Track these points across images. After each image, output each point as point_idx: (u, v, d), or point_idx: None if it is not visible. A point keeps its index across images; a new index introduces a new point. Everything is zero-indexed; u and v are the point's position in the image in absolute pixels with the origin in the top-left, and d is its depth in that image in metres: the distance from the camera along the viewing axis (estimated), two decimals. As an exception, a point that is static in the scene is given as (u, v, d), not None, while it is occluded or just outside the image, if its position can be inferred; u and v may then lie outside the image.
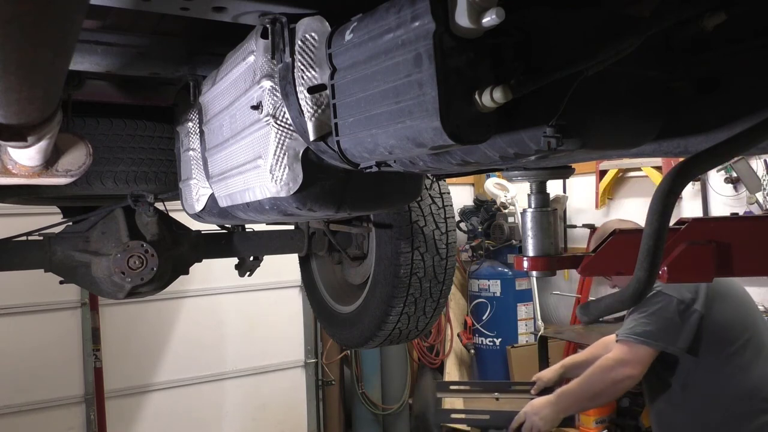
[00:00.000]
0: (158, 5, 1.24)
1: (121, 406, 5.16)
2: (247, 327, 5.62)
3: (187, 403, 5.39)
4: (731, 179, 4.49)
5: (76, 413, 5.00)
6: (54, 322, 4.87)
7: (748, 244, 1.31)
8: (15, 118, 1.11)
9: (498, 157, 1.15)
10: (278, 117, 1.37)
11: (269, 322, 5.70)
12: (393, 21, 1.02)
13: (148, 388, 5.26)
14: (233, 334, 5.56)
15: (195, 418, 5.41)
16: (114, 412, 5.08)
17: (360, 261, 2.89)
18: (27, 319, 4.79)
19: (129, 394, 5.19)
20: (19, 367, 4.73)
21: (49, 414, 4.88)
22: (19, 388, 4.74)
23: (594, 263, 1.38)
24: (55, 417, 4.92)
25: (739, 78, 1.14)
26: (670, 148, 1.28)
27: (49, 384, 4.86)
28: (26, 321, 4.79)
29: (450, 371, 6.05)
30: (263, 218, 1.74)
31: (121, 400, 5.15)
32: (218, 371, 5.49)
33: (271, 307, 5.70)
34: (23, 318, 4.78)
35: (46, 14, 0.62)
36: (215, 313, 5.48)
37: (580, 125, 1.03)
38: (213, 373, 5.47)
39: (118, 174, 2.38)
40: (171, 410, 5.32)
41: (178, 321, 5.37)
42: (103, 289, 2.58)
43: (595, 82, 1.01)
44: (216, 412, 5.52)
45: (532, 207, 1.44)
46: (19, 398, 4.74)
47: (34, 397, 4.79)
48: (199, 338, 5.40)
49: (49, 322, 4.85)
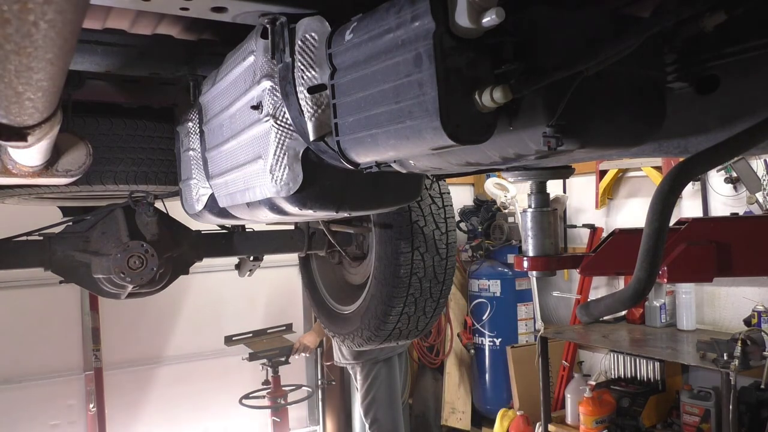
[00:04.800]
0: (158, 5, 1.25)
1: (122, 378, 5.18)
2: (247, 304, 5.67)
3: (191, 374, 5.45)
4: (731, 179, 4.49)
5: (75, 387, 5.01)
6: (54, 295, 4.84)
7: (748, 244, 1.31)
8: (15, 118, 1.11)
9: (498, 157, 1.15)
10: (278, 117, 1.37)
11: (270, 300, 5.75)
12: (393, 21, 1.02)
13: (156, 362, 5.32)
14: (233, 311, 5.59)
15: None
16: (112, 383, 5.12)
17: (360, 261, 2.89)
18: (27, 292, 4.78)
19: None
20: (18, 340, 4.74)
21: (48, 387, 4.89)
22: (18, 360, 4.74)
23: (594, 263, 1.38)
24: (55, 390, 4.93)
25: (740, 78, 1.14)
26: (670, 148, 1.28)
27: (49, 357, 4.87)
28: (26, 294, 4.79)
29: (450, 371, 6.05)
30: (263, 218, 1.74)
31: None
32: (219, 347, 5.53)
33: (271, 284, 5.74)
34: (23, 291, 4.77)
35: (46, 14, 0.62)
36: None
37: (580, 125, 1.03)
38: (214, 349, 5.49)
39: (118, 174, 2.38)
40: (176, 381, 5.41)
41: (184, 298, 5.42)
42: (103, 289, 2.58)
43: (595, 82, 1.01)
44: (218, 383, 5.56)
45: (532, 207, 1.44)
46: (18, 370, 4.74)
47: (33, 369, 4.79)
48: (200, 315, 5.46)
49: (50, 295, 4.82)
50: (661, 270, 1.18)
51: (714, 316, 4.71)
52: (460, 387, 6.07)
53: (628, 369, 4.88)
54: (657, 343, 4.38)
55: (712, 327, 4.64)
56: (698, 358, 3.81)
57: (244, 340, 4.89)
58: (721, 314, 4.66)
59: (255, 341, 4.89)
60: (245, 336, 4.93)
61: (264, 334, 5.01)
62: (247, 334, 4.94)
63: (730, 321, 4.54)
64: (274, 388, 4.86)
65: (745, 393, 3.88)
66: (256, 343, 4.87)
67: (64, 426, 4.97)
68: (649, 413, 4.46)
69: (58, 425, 4.95)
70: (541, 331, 5.03)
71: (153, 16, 1.48)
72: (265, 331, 5.04)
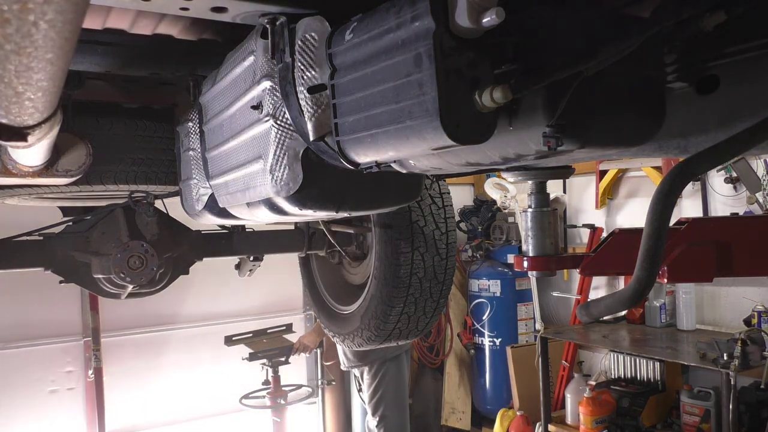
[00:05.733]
0: (158, 5, 1.25)
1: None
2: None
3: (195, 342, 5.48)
4: (731, 179, 4.49)
5: (74, 353, 5.01)
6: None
7: (748, 244, 1.31)
8: (15, 118, 1.11)
9: (498, 157, 1.15)
10: (278, 117, 1.37)
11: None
12: (393, 21, 1.02)
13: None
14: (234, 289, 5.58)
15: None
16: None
17: (360, 261, 2.89)
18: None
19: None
20: (16, 301, 4.71)
21: (47, 352, 4.88)
22: (17, 322, 4.72)
23: (594, 263, 1.38)
24: (53, 355, 4.92)
25: (740, 78, 1.14)
26: (670, 148, 1.28)
27: (48, 320, 4.85)
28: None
29: (450, 371, 6.05)
30: (263, 218, 1.74)
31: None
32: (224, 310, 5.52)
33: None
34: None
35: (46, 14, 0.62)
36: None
37: (580, 125, 1.03)
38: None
39: (118, 173, 2.38)
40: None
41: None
42: (103, 289, 2.59)
43: (595, 82, 1.01)
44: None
45: (532, 207, 1.44)
46: (17, 332, 4.72)
47: (32, 333, 4.78)
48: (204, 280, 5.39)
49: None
50: (661, 270, 1.18)
51: (714, 316, 4.71)
52: (460, 387, 6.07)
53: (628, 369, 4.88)
54: (657, 343, 4.38)
55: (712, 327, 4.64)
56: (698, 358, 3.81)
57: (244, 340, 4.91)
58: (721, 314, 4.66)
59: (255, 341, 4.91)
60: (245, 336, 4.94)
61: (264, 334, 5.03)
62: (247, 334, 4.96)
63: (730, 321, 4.54)
64: (274, 388, 4.86)
65: (745, 393, 3.88)
66: (256, 343, 4.89)
67: (63, 392, 4.97)
68: (649, 413, 4.46)
69: (56, 391, 4.95)
70: (541, 331, 5.02)
71: (153, 16, 1.48)
72: (265, 331, 5.06)
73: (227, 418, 5.57)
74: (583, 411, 4.51)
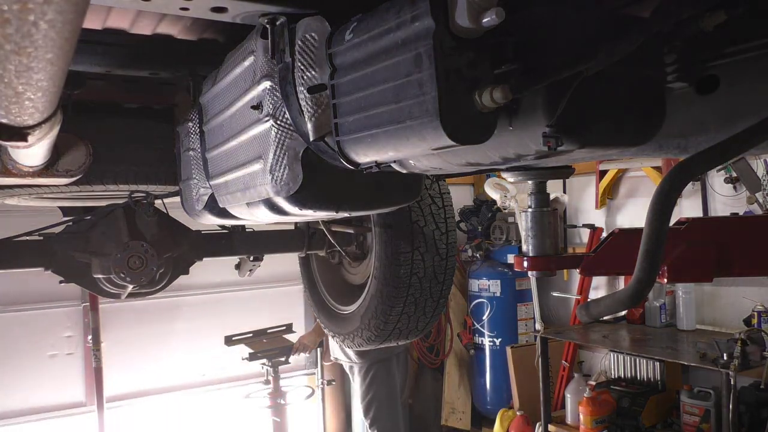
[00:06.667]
0: (158, 5, 1.25)
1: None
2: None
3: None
4: (731, 179, 4.49)
5: (73, 319, 5.01)
6: (53, 219, 4.77)
7: (748, 244, 1.31)
8: (15, 118, 1.11)
9: (498, 157, 1.15)
10: (278, 117, 1.37)
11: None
12: (393, 21, 1.02)
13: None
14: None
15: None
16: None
17: (360, 261, 2.89)
18: (24, 216, 4.71)
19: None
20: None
21: (47, 316, 4.88)
22: (19, 289, 4.71)
23: (594, 263, 1.38)
24: (53, 319, 4.92)
25: (740, 78, 1.14)
26: (670, 148, 1.28)
27: (46, 283, 4.82)
28: (24, 217, 4.72)
29: (450, 371, 6.05)
30: (263, 218, 1.74)
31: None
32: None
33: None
34: (20, 215, 4.68)
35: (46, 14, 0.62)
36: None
37: (580, 125, 1.03)
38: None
39: (119, 173, 2.38)
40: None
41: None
42: (103, 289, 2.59)
43: (595, 82, 1.01)
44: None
45: (532, 207, 1.44)
46: (16, 296, 4.72)
47: (31, 297, 4.77)
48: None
49: (52, 219, 4.74)
50: (661, 270, 1.18)
51: (714, 316, 4.71)
52: (460, 387, 6.07)
53: (628, 369, 4.88)
54: (657, 343, 4.38)
55: (712, 327, 4.64)
56: (698, 358, 3.81)
57: (244, 340, 4.91)
58: (721, 314, 4.66)
59: (255, 341, 4.91)
60: (245, 336, 4.94)
61: (264, 334, 5.03)
62: (247, 334, 4.97)
63: (730, 321, 4.54)
64: (274, 388, 4.86)
65: (745, 393, 3.88)
66: (256, 343, 4.89)
67: (62, 357, 4.97)
68: (649, 413, 4.46)
69: (56, 356, 4.95)
70: (541, 331, 5.02)
71: (153, 16, 1.49)
72: (265, 331, 5.06)
73: (228, 386, 5.61)
74: (583, 411, 4.51)
